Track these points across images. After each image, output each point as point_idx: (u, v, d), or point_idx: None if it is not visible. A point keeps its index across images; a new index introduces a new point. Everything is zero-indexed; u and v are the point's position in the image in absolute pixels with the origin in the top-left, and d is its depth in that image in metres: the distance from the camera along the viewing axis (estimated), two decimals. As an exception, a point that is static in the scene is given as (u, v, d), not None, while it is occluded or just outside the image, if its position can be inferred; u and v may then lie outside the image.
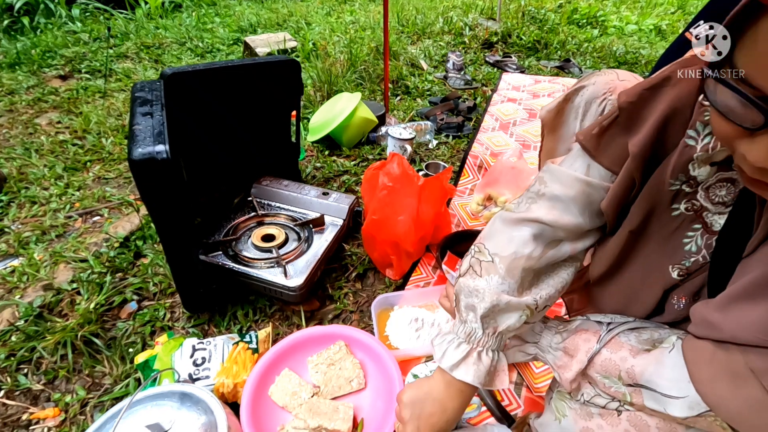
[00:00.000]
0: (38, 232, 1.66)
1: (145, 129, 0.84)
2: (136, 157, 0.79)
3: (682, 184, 0.54)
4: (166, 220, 0.90)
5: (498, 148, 1.83)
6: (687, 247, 0.56)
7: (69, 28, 3.52)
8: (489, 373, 0.62)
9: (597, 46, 2.93)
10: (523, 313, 0.61)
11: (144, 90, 0.99)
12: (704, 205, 0.54)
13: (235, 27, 3.78)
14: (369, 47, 2.65)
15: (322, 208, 1.34)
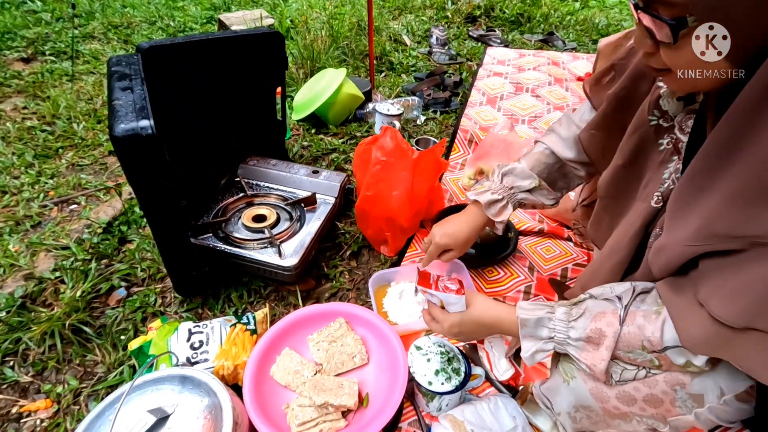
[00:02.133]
0: (11, 222, 1.58)
1: (126, 104, 0.80)
2: (118, 134, 0.74)
3: (658, 119, 0.66)
4: (152, 200, 0.86)
5: (486, 123, 1.82)
6: (665, 175, 0.65)
7: (28, 8, 3.31)
8: (497, 211, 0.92)
9: (579, 18, 2.92)
10: (534, 182, 0.90)
11: (121, 64, 0.93)
12: (679, 137, 0.63)
13: (207, 4, 3.62)
14: (350, 22, 2.57)
15: (312, 187, 1.31)
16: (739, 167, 0.47)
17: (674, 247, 0.55)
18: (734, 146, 0.47)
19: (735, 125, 0.47)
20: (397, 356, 0.88)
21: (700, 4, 0.44)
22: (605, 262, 0.75)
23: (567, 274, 1.20)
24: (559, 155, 0.91)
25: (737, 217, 0.47)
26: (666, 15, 0.48)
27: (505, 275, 1.20)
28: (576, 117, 0.91)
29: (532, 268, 1.22)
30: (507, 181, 0.92)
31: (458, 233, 0.94)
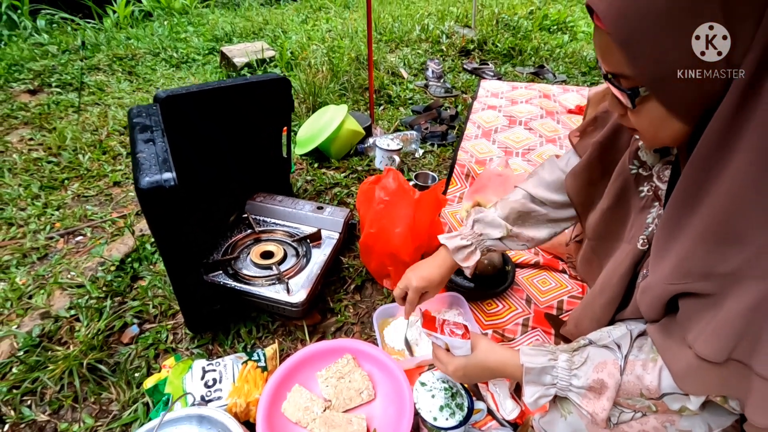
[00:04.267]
0: (18, 255, 1.62)
1: (150, 157, 0.85)
2: (144, 186, 0.80)
3: (638, 168, 0.73)
4: (172, 245, 0.91)
5: (482, 156, 1.90)
6: (648, 220, 0.71)
7: (35, 41, 3.40)
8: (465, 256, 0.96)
9: (568, 51, 3.05)
10: (502, 231, 0.94)
11: (142, 115, 0.99)
12: (658, 185, 0.70)
13: (209, 36, 3.74)
14: (350, 57, 2.68)
15: (317, 223, 1.36)
16: (703, 211, 0.53)
17: (656, 286, 0.61)
18: (698, 193, 0.54)
19: (696, 174, 0.54)
20: (402, 392, 0.92)
21: (647, 77, 0.52)
22: (597, 299, 0.80)
23: (563, 307, 1.25)
24: (537, 196, 0.95)
25: (707, 256, 0.53)
26: (624, 85, 0.55)
27: (504, 308, 1.25)
28: (561, 163, 0.96)
29: (530, 300, 1.27)
30: (477, 228, 0.96)
31: (432, 276, 0.97)
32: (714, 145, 0.51)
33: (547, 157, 1.85)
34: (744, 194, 0.49)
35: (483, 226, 0.96)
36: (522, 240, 0.97)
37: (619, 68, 0.54)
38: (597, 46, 0.57)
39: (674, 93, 0.52)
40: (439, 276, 0.98)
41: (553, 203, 0.95)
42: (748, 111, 0.47)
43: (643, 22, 0.49)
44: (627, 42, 0.51)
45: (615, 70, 0.55)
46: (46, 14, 3.82)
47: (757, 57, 0.46)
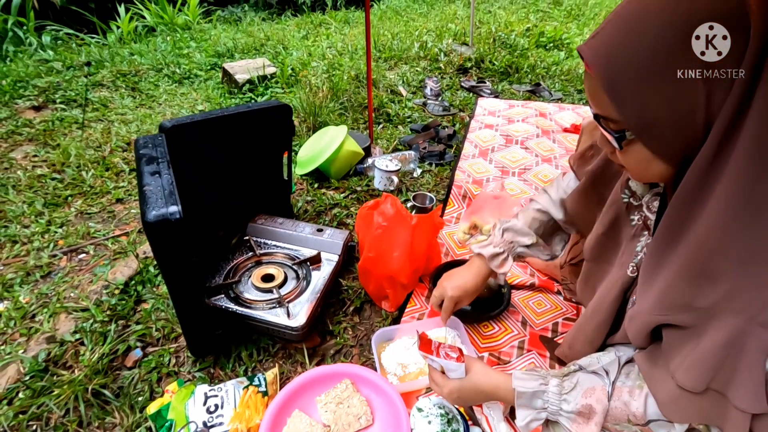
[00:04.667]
0: (22, 273, 1.64)
1: (156, 190, 0.89)
2: (150, 220, 0.83)
3: (629, 197, 0.76)
4: (176, 274, 0.94)
5: (479, 175, 1.93)
6: (638, 248, 0.74)
7: (40, 57, 3.45)
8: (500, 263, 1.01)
9: (564, 69, 3.11)
10: (532, 238, 1.01)
11: (148, 146, 1.03)
12: (647, 215, 0.72)
13: (211, 52, 3.79)
14: (350, 76, 2.73)
15: (317, 245, 1.39)
16: (684, 247, 0.57)
17: (642, 315, 0.64)
18: (679, 230, 0.57)
19: (678, 213, 0.57)
20: (400, 417, 0.94)
21: (632, 123, 0.56)
22: (589, 322, 0.84)
23: (557, 329, 1.28)
24: (551, 214, 1.02)
25: (686, 290, 0.56)
26: (611, 128, 0.59)
27: (500, 330, 1.27)
28: (564, 183, 1.03)
29: (525, 322, 1.29)
30: (507, 236, 1.02)
31: (467, 284, 1.03)
32: (693, 188, 0.54)
33: (543, 177, 1.91)
34: (718, 236, 0.52)
35: (513, 234, 1.02)
36: (547, 249, 1.04)
37: (607, 112, 0.58)
38: (586, 88, 0.61)
39: (658, 138, 0.55)
40: (474, 284, 1.03)
41: (560, 219, 1.02)
42: (723, 159, 0.51)
43: (627, 72, 0.53)
44: (613, 89, 0.55)
45: (603, 113, 0.59)
46: (51, 30, 3.88)
47: (730, 113, 0.49)
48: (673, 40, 0.49)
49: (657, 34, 0.50)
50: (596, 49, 0.56)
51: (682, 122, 0.52)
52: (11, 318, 1.43)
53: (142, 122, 2.74)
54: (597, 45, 0.56)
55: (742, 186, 0.49)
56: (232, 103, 2.97)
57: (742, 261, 0.51)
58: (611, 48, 0.54)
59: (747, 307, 0.51)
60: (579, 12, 4.46)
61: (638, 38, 0.51)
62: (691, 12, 0.48)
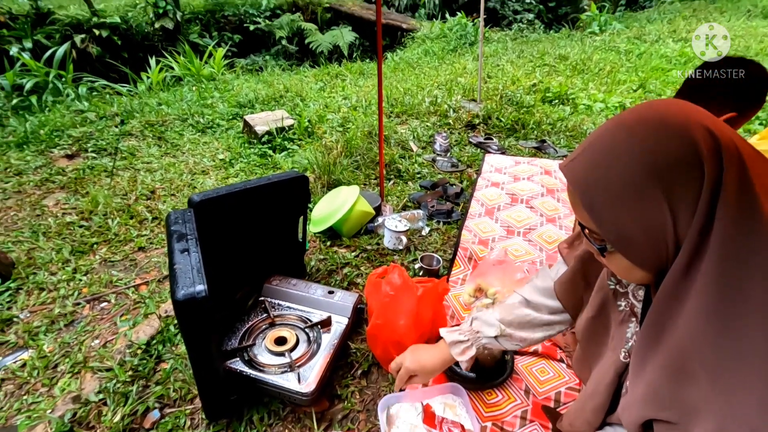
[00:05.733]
0: (47, 321, 1.73)
1: (185, 269, 0.98)
2: (179, 299, 0.91)
3: (615, 284, 0.81)
4: (199, 345, 1.01)
5: (485, 235, 2.01)
6: (628, 334, 0.78)
7: (76, 107, 3.71)
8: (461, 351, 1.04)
9: (569, 125, 3.23)
10: (497, 330, 1.02)
11: (178, 222, 1.13)
12: (634, 303, 0.77)
13: (234, 102, 4.02)
14: (363, 132, 2.88)
15: (328, 307, 1.46)
16: (664, 346, 0.62)
17: (632, 409, 0.69)
18: (661, 329, 0.62)
19: (657, 315, 0.63)
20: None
21: (610, 238, 0.62)
22: (588, 402, 0.88)
23: (560, 399, 1.31)
24: (533, 302, 1.04)
25: (669, 387, 0.61)
26: (594, 238, 0.66)
27: (503, 398, 1.30)
28: (552, 272, 1.07)
29: (528, 391, 1.33)
30: (475, 325, 1.06)
31: (426, 363, 1.05)
32: (669, 296, 0.61)
33: (548, 237, 1.98)
34: (694, 339, 0.58)
35: (480, 324, 1.06)
36: (515, 340, 1.05)
37: (588, 224, 0.65)
38: (570, 201, 0.68)
39: (634, 252, 0.62)
40: (431, 365, 1.05)
41: (547, 308, 1.04)
42: (693, 273, 0.57)
43: (602, 196, 0.60)
44: (591, 208, 0.62)
45: (586, 225, 0.66)
46: (87, 81, 4.18)
47: (695, 237, 0.56)
48: (639, 174, 0.57)
49: (625, 168, 0.58)
50: (575, 171, 0.64)
51: (655, 240, 0.59)
52: (35, 367, 1.50)
53: (166, 171, 2.90)
54: (575, 168, 0.64)
55: (711, 298, 0.56)
56: (251, 153, 3.14)
57: (717, 365, 0.56)
58: (587, 173, 0.62)
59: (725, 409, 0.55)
60: (584, 66, 4.65)
61: (608, 169, 0.59)
62: (654, 152, 0.57)
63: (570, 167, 0.64)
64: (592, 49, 5.43)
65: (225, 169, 2.93)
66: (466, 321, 1.09)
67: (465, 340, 1.05)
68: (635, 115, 0.60)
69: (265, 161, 2.98)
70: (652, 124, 0.58)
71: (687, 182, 0.55)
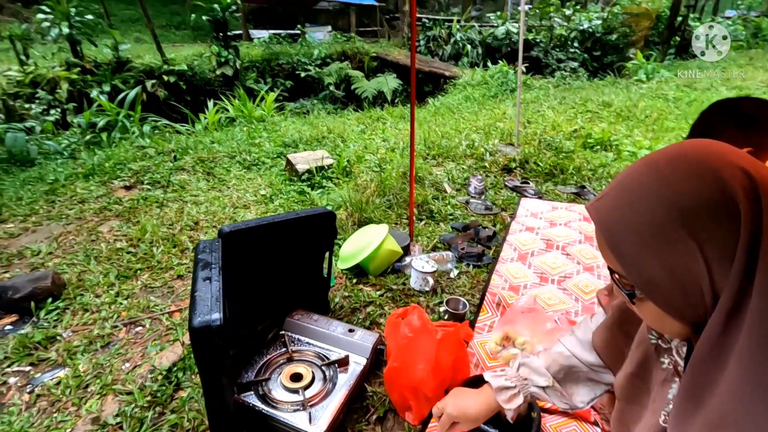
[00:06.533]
0: (86, 341, 1.81)
1: (205, 296, 1.01)
2: (195, 326, 0.94)
3: (657, 339, 0.74)
4: (212, 374, 1.02)
5: (516, 281, 1.93)
6: (669, 396, 0.70)
7: (139, 144, 4.06)
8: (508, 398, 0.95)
9: (612, 171, 3.12)
10: (548, 380, 0.95)
11: (206, 251, 1.18)
12: (677, 361, 0.70)
13: (279, 142, 4.25)
14: (398, 173, 2.93)
15: (347, 346, 1.44)
16: (704, 413, 0.54)
17: None
18: (700, 393, 0.56)
19: (696, 378, 0.56)
20: None
21: (637, 283, 0.57)
22: None
23: (592, 467, 1.18)
24: (579, 357, 0.96)
25: None
26: (622, 283, 0.61)
27: (528, 461, 1.19)
28: (593, 323, 0.99)
29: (556, 455, 1.21)
30: (523, 372, 0.97)
31: (469, 410, 0.96)
32: (706, 357, 0.54)
33: (584, 287, 1.87)
34: (735, 409, 0.51)
35: (529, 371, 0.97)
36: (565, 397, 0.96)
37: (615, 267, 0.61)
38: (597, 242, 0.64)
39: (664, 300, 0.57)
40: (476, 412, 0.97)
41: (590, 364, 0.95)
42: (733, 332, 0.51)
43: (628, 238, 0.56)
44: (616, 250, 0.58)
45: (613, 268, 0.61)
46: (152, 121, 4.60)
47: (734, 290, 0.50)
48: (667, 217, 0.53)
49: (652, 209, 0.54)
50: (600, 212, 0.61)
51: (686, 287, 0.54)
52: (68, 386, 1.56)
53: (211, 204, 3.06)
54: (601, 207, 0.61)
55: (755, 360, 0.49)
56: (290, 190, 3.26)
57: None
58: (613, 213, 0.59)
59: None
60: (629, 113, 4.55)
61: (635, 210, 0.56)
62: (684, 194, 0.53)
63: (596, 207, 0.61)
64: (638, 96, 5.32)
65: (265, 204, 3.06)
66: (512, 366, 1.02)
67: (512, 386, 0.96)
68: (665, 155, 0.57)
69: (303, 198, 3.08)
70: (682, 165, 0.55)
71: (721, 227, 0.51)
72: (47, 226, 2.75)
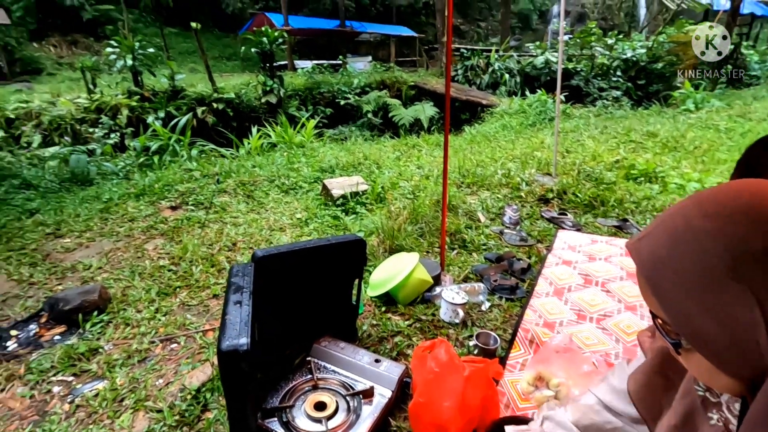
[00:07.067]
0: (125, 355, 1.88)
1: (234, 320, 1.03)
2: (223, 349, 0.96)
3: (705, 391, 0.68)
4: (237, 398, 1.03)
5: (552, 317, 1.85)
6: None
7: (186, 166, 4.31)
8: None
9: (657, 204, 2.97)
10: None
11: (239, 275, 1.22)
12: (729, 418, 0.63)
13: (317, 167, 4.37)
14: (431, 200, 2.92)
15: (373, 377, 1.41)
16: None
17: None
18: None
19: None
20: None
21: (682, 332, 0.53)
22: None
23: None
24: (612, 409, 0.90)
25: None
26: (666, 331, 0.56)
27: None
28: (629, 369, 0.92)
29: None
30: (547, 427, 0.93)
31: None
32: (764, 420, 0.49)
33: (626, 327, 1.76)
34: None
35: (554, 426, 0.93)
36: None
37: (657, 312, 0.56)
38: (638, 283, 0.59)
39: (714, 353, 0.52)
40: None
41: (627, 415, 0.88)
42: None
43: (672, 282, 0.52)
44: (659, 295, 0.54)
45: (656, 313, 0.57)
46: (200, 145, 4.88)
47: None
48: (717, 263, 0.49)
49: (700, 254, 0.50)
50: (642, 253, 0.56)
51: (739, 341, 0.49)
52: (105, 399, 1.62)
53: (249, 225, 3.17)
54: (643, 249, 0.56)
55: None
56: (325, 214, 3.32)
57: None
58: (656, 256, 0.54)
59: None
60: (676, 144, 4.35)
61: (680, 253, 0.52)
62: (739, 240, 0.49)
63: (638, 247, 0.58)
64: (686, 126, 5.10)
65: (300, 228, 3.13)
66: (535, 420, 0.97)
67: None
68: (715, 196, 0.54)
69: (337, 223, 3.13)
70: (735, 207, 0.51)
71: None
72: (99, 242, 2.93)
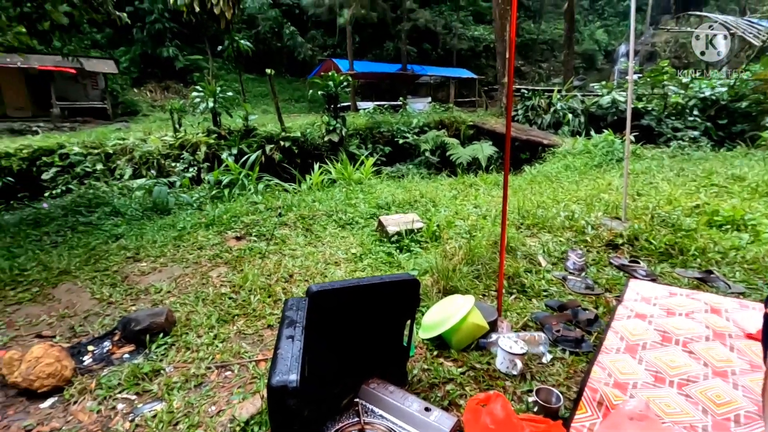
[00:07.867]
0: (183, 378, 1.95)
1: (286, 356, 1.04)
2: (273, 384, 0.96)
3: None
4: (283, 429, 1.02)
5: (623, 377, 1.66)
6: None
7: (252, 199, 4.58)
8: None
9: (748, 256, 2.65)
10: None
11: (293, 309, 1.23)
12: None
13: (374, 204, 4.45)
14: (488, 241, 2.84)
15: (422, 426, 1.34)
16: None
17: None
18: None
19: None
20: None
21: None
22: None
23: None
24: None
25: None
26: None
27: None
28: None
29: None
30: None
31: None
32: None
33: (715, 396, 1.54)
34: None
35: None
36: None
37: None
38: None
39: None
40: None
41: None
42: None
43: None
44: None
45: None
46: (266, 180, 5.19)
47: None
48: None
49: None
50: None
51: None
52: (161, 421, 1.68)
53: (306, 258, 3.26)
54: None
55: None
56: (380, 250, 3.33)
57: None
58: None
59: None
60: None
61: None
62: None
63: None
64: (781, 169, 4.59)
65: (354, 263, 3.15)
66: None
67: None
68: None
69: (391, 260, 3.12)
70: None
71: None
72: (171, 267, 3.15)
